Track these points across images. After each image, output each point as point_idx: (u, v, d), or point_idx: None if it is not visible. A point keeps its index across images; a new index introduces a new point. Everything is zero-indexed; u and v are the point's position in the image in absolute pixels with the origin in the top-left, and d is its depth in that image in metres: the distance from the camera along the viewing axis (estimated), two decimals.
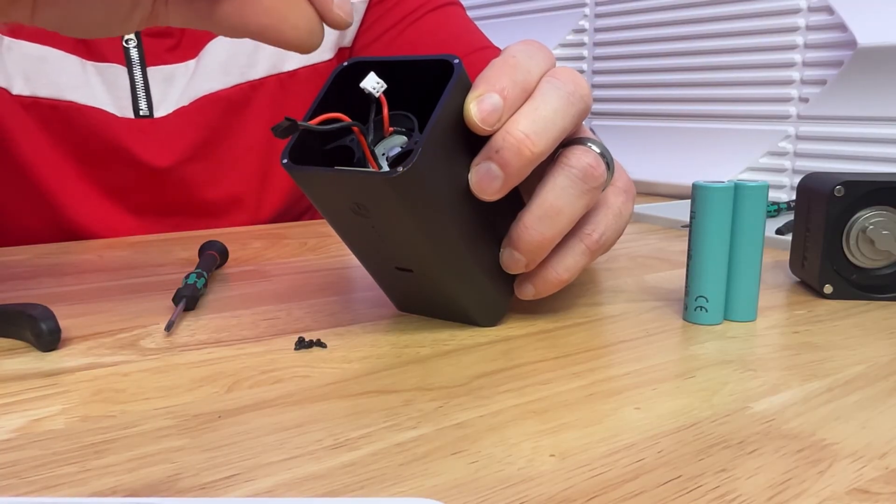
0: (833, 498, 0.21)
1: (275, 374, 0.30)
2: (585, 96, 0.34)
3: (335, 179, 0.31)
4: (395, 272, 0.35)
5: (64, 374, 0.30)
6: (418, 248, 0.33)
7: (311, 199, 0.33)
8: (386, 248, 0.34)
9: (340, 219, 0.33)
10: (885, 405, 0.27)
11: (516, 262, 0.34)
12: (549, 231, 0.33)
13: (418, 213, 0.31)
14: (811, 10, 0.81)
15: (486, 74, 0.32)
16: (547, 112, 0.32)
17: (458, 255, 0.33)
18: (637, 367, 0.31)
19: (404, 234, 0.32)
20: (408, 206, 0.30)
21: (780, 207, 0.69)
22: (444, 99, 0.30)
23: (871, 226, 0.40)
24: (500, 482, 0.21)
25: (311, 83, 0.69)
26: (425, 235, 0.32)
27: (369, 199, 0.31)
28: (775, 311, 0.39)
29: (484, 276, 0.35)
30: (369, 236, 0.33)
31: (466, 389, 0.28)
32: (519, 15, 1.17)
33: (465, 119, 0.31)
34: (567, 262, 0.35)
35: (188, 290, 0.39)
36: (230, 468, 0.22)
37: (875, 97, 0.76)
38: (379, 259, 0.35)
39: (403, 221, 0.31)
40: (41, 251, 0.55)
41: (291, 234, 0.62)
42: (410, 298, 0.38)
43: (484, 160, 0.31)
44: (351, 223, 0.33)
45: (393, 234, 0.32)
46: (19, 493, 0.21)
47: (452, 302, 0.36)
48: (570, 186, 0.33)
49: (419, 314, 0.38)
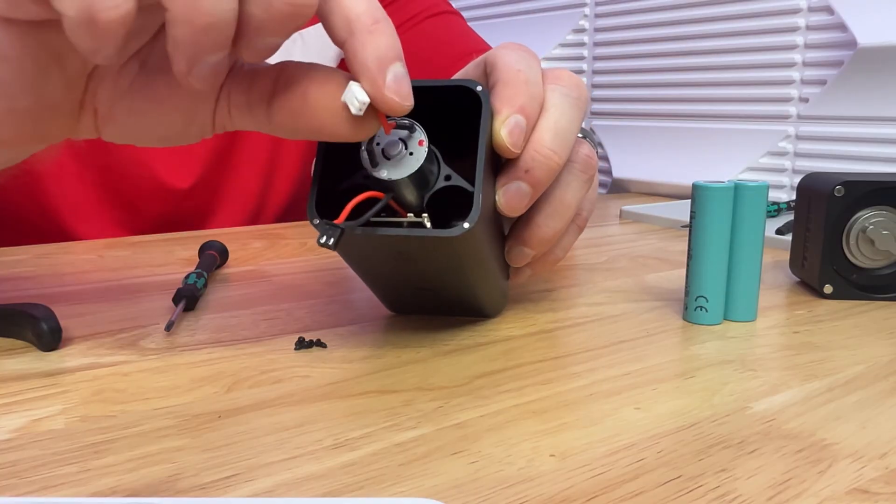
0: (833, 498, 0.21)
1: (275, 374, 0.30)
2: (586, 96, 0.35)
3: (386, 239, 0.30)
4: (409, 289, 0.35)
5: (64, 374, 0.30)
6: (453, 276, 0.33)
7: (341, 251, 0.32)
8: (415, 278, 0.34)
9: (366, 263, 0.33)
10: (885, 405, 0.27)
11: (525, 257, 0.35)
12: (559, 225, 0.34)
13: (467, 254, 0.31)
14: (811, 10, 0.81)
15: (502, 94, 0.32)
16: (564, 123, 0.32)
17: (484, 269, 0.33)
18: (637, 367, 0.31)
19: (446, 270, 0.32)
20: (461, 252, 0.30)
21: (780, 207, 0.69)
22: (483, 133, 0.30)
23: (871, 226, 0.40)
24: (500, 482, 0.21)
25: None
26: (467, 267, 0.32)
27: (418, 250, 0.31)
28: (775, 311, 0.39)
29: (499, 276, 0.35)
30: (396, 271, 0.33)
31: (466, 389, 0.28)
32: (519, 15, 1.17)
33: (496, 145, 0.31)
34: (563, 243, 0.36)
35: (188, 290, 0.39)
36: (230, 468, 0.22)
37: (875, 97, 0.76)
38: (396, 283, 0.35)
39: (451, 262, 0.31)
40: (41, 251, 0.55)
41: (291, 234, 0.62)
42: (410, 304, 0.37)
43: (513, 180, 0.32)
44: (380, 265, 0.33)
45: (431, 270, 0.32)
46: (19, 493, 0.21)
47: (465, 304, 0.36)
48: (575, 180, 0.34)
49: (415, 314, 0.38)
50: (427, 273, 0.33)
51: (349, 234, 0.29)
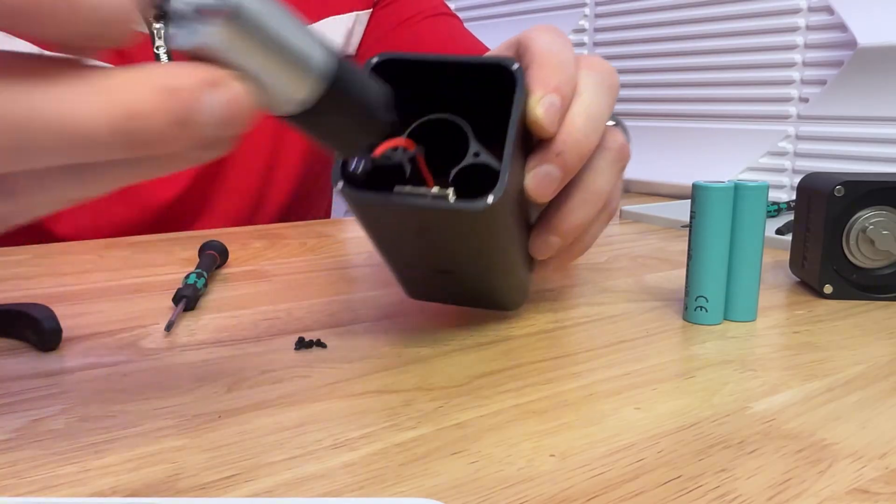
0: (833, 498, 0.21)
1: (275, 374, 0.30)
2: (618, 84, 0.34)
3: (409, 209, 0.29)
4: (429, 272, 0.34)
5: (64, 374, 0.30)
6: (474, 258, 0.32)
7: (363, 222, 0.31)
8: (435, 257, 0.33)
9: (388, 235, 0.32)
10: (885, 405, 0.27)
11: (551, 247, 0.34)
12: (591, 213, 0.33)
13: (489, 232, 0.30)
14: (811, 10, 0.81)
15: (536, 75, 0.31)
16: (597, 109, 0.32)
17: (508, 257, 0.33)
18: (637, 367, 0.31)
19: (467, 250, 0.31)
20: (483, 230, 0.30)
21: (780, 207, 0.69)
22: (515, 112, 0.29)
23: (871, 226, 0.40)
24: (500, 482, 0.21)
25: None
26: (488, 249, 0.31)
27: (439, 225, 0.30)
28: (775, 311, 0.39)
29: (522, 267, 0.34)
30: (417, 247, 0.32)
31: (466, 389, 0.28)
32: (519, 15, 1.17)
33: (532, 124, 0.30)
34: (591, 233, 0.35)
35: (188, 290, 0.39)
36: (230, 468, 0.22)
37: (875, 97, 0.76)
38: (417, 262, 0.34)
39: (472, 241, 0.30)
40: (41, 251, 0.55)
41: (291, 234, 0.62)
42: (430, 289, 0.37)
43: (543, 163, 0.31)
44: (400, 239, 0.32)
45: (452, 248, 0.32)
46: (19, 493, 0.21)
47: (486, 294, 0.35)
48: (608, 169, 0.33)
49: (434, 301, 0.38)
50: (447, 253, 0.32)
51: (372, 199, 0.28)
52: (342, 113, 0.23)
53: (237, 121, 0.19)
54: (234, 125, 0.19)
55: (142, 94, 0.17)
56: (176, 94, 0.18)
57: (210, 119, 0.18)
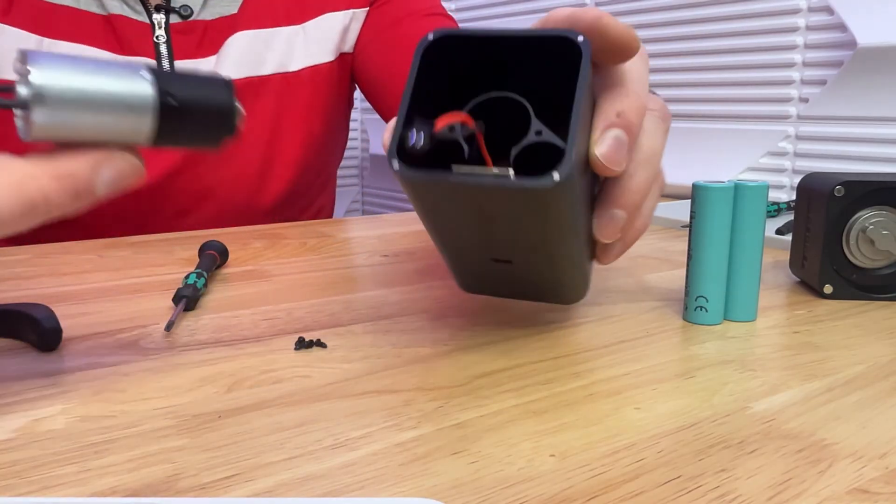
0: (833, 498, 0.21)
1: (275, 374, 0.30)
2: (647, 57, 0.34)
3: (469, 190, 0.27)
4: (485, 262, 0.32)
5: (64, 374, 0.30)
6: (536, 245, 0.30)
7: (419, 206, 0.30)
8: (494, 244, 0.31)
9: (444, 220, 0.30)
10: (885, 405, 0.27)
11: (616, 223, 0.32)
12: (648, 176, 0.32)
13: (553, 214, 0.28)
14: (811, 10, 0.81)
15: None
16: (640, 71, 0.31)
17: (570, 243, 0.31)
18: (637, 367, 0.31)
19: (529, 236, 0.29)
20: (548, 212, 0.28)
21: (780, 207, 0.69)
22: (581, 87, 0.27)
23: (871, 226, 0.40)
24: (500, 482, 0.21)
25: (312, 82, 0.72)
26: (551, 234, 0.29)
27: (499, 207, 0.28)
28: (775, 311, 0.39)
29: (584, 255, 0.33)
30: (476, 234, 0.30)
31: (466, 389, 0.28)
32: (518, 15, 1.17)
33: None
34: (649, 205, 0.34)
35: (188, 290, 0.39)
36: (230, 468, 0.22)
37: (875, 97, 0.76)
38: (473, 251, 0.32)
39: (534, 225, 0.28)
40: (41, 251, 0.55)
41: (291, 234, 0.62)
42: (487, 282, 0.35)
43: (608, 127, 0.29)
44: (457, 224, 0.30)
45: (513, 235, 0.30)
46: (19, 493, 0.21)
47: (547, 285, 0.34)
48: (657, 128, 0.33)
49: (489, 295, 0.37)
50: (507, 240, 0.30)
51: (429, 178, 0.27)
52: (191, 120, 0.25)
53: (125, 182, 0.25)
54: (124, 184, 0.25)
55: (44, 182, 0.24)
56: (72, 178, 0.24)
57: (104, 187, 0.25)
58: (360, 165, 1.72)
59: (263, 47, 0.70)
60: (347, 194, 1.69)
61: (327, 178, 0.81)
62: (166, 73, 0.25)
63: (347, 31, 0.74)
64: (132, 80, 0.24)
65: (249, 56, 0.69)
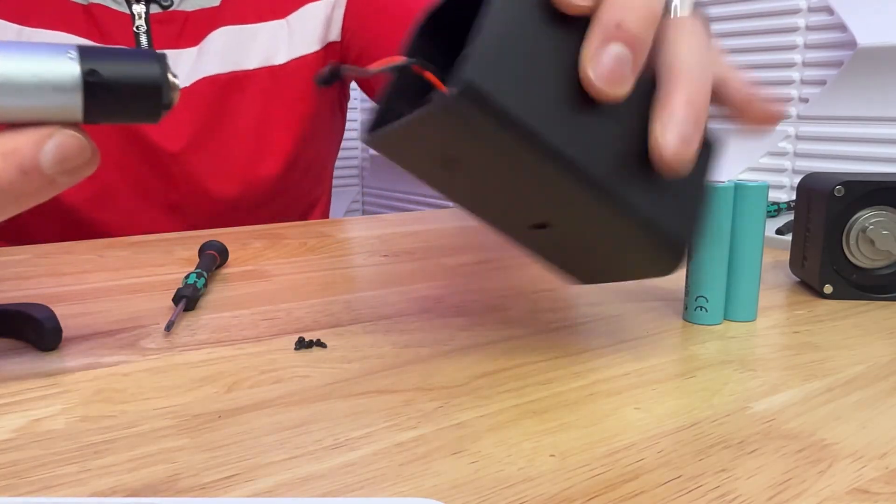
0: (833, 498, 0.21)
1: (275, 374, 0.30)
2: None
3: (407, 132, 0.25)
4: (533, 235, 0.29)
5: (64, 374, 0.30)
6: (535, 191, 0.26)
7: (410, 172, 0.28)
8: (507, 206, 0.28)
9: (438, 181, 0.28)
10: (885, 405, 0.27)
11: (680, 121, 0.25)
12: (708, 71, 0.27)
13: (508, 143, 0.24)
14: (811, 10, 0.81)
15: None
16: None
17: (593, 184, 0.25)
18: (637, 367, 0.31)
19: (518, 183, 0.26)
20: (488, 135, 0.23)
21: (780, 207, 0.69)
22: None
23: (871, 226, 0.40)
24: (500, 482, 0.21)
25: (299, 75, 0.72)
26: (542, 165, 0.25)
27: (453, 145, 0.25)
28: (775, 311, 0.39)
29: (642, 203, 0.27)
30: (476, 194, 0.28)
31: (466, 389, 0.28)
32: None
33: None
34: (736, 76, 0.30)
35: (188, 290, 0.39)
36: (230, 468, 0.22)
37: (875, 97, 0.76)
38: (510, 223, 0.29)
39: (492, 159, 0.25)
40: (41, 251, 0.55)
41: (291, 234, 0.62)
42: (573, 265, 0.32)
43: (602, 43, 0.24)
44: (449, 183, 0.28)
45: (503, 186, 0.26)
46: (19, 493, 0.21)
47: (614, 253, 0.29)
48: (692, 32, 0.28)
49: (600, 282, 0.34)
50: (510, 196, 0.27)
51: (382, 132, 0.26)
52: (120, 95, 0.25)
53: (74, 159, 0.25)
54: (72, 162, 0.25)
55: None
56: (16, 154, 0.24)
57: (50, 163, 0.24)
58: (360, 165, 1.72)
59: (248, 42, 0.70)
60: (347, 194, 1.69)
61: (320, 169, 0.80)
62: (95, 50, 0.25)
63: (331, 20, 0.74)
64: (56, 60, 0.24)
65: (233, 51, 0.69)
